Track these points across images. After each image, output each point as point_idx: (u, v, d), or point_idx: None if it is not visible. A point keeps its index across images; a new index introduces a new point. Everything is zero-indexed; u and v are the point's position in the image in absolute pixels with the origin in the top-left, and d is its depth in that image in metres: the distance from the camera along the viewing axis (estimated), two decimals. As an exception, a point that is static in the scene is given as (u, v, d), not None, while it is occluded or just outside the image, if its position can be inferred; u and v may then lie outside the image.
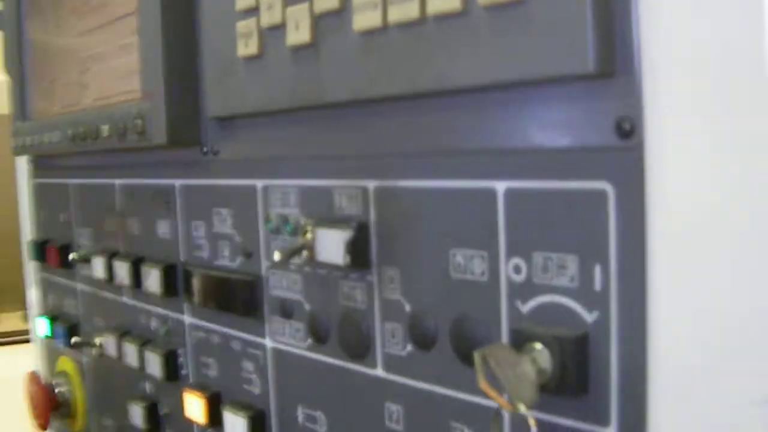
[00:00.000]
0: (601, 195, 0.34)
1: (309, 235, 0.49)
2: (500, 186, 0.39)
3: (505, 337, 0.39)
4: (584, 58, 0.32)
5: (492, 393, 0.34)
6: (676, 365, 0.33)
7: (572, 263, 0.36)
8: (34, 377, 0.91)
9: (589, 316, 0.35)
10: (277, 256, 0.50)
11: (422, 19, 0.39)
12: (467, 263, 0.41)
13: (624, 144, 0.33)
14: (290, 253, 0.50)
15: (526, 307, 0.38)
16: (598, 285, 0.35)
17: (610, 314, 0.35)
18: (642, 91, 0.33)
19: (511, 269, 0.39)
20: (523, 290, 0.38)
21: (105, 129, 0.68)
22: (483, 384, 0.34)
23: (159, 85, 0.60)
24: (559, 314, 0.36)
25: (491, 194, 0.39)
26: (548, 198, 0.36)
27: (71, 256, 0.82)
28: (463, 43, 0.37)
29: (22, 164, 0.98)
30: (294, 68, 0.48)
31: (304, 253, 0.49)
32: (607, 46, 0.33)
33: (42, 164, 0.93)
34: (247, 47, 0.51)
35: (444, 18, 0.38)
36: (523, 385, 0.34)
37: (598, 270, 0.35)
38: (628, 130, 0.33)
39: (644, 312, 0.33)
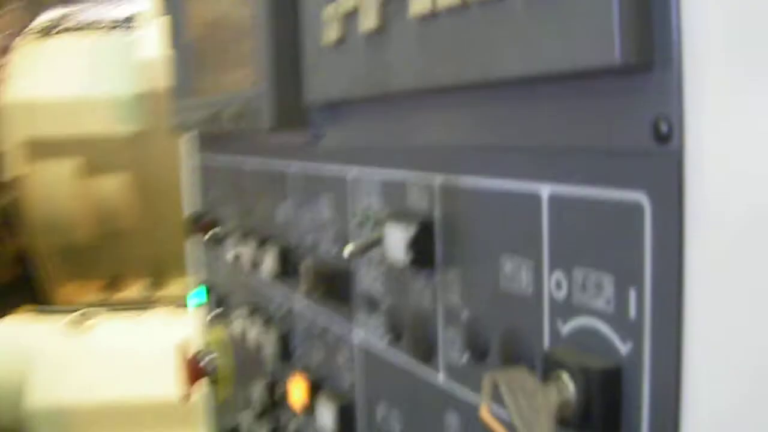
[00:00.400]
0: (637, 207, 0.29)
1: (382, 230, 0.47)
2: (544, 190, 0.34)
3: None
4: (610, 48, 0.28)
5: (493, 423, 0.31)
6: (711, 413, 0.28)
7: (608, 284, 0.31)
8: (183, 346, 0.96)
9: (623, 347, 0.31)
10: (348, 249, 0.48)
11: (465, 4, 0.35)
12: (515, 273, 0.37)
13: (661, 149, 0.28)
14: (363, 248, 0.48)
15: (565, 328, 0.34)
16: (632, 312, 0.30)
17: (644, 347, 0.30)
18: (682, 86, 0.27)
19: (553, 284, 0.34)
20: (563, 309, 0.34)
21: (227, 111, 0.69)
22: (485, 412, 0.31)
23: (267, 67, 0.59)
24: (595, 340, 0.32)
25: (536, 199, 0.35)
26: (587, 206, 0.32)
27: (211, 233, 0.85)
28: (496, 32, 0.33)
29: (185, 140, 1.03)
30: (366, 55, 0.46)
31: (380, 247, 0.47)
32: (639, 33, 0.28)
33: (199, 141, 0.97)
34: (330, 33, 0.49)
35: (484, 3, 0.34)
36: (536, 418, 0.31)
37: (633, 294, 0.30)
38: (666, 133, 0.28)
39: (679, 349, 0.28)
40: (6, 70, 2.04)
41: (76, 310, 2.10)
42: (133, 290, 2.56)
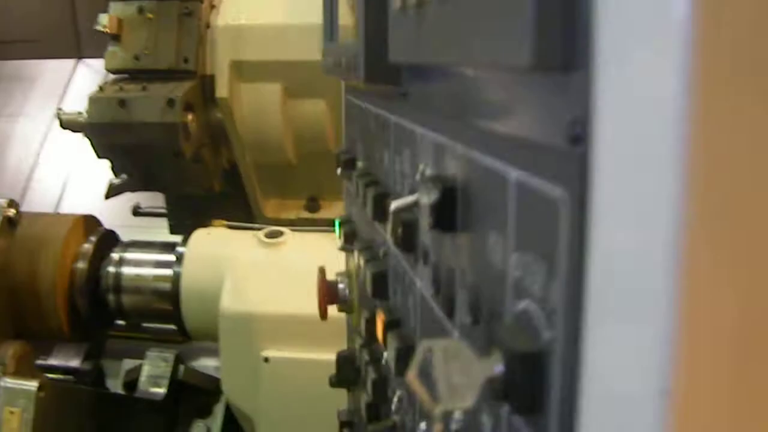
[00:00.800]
0: (558, 202, 0.31)
1: (424, 190, 0.49)
2: (511, 173, 0.36)
3: (501, 332, 0.37)
4: (521, 49, 0.29)
5: (418, 387, 0.33)
6: (605, 399, 0.29)
7: (541, 271, 0.33)
8: (322, 271, 1.03)
9: (546, 333, 0.32)
10: (393, 206, 0.51)
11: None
12: (494, 247, 0.39)
13: (574, 150, 0.29)
14: (404, 207, 0.51)
15: (518, 307, 0.36)
16: (552, 300, 0.32)
17: (557, 335, 0.31)
18: (594, 91, 0.28)
19: (512, 264, 0.36)
20: (517, 288, 0.36)
21: (343, 61, 0.73)
22: (411, 376, 0.33)
23: (361, 25, 0.63)
24: (532, 323, 0.34)
25: (506, 180, 0.36)
26: (534, 195, 0.33)
27: (346, 170, 0.91)
28: (449, 22, 0.34)
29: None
30: (412, 26, 0.48)
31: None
32: (553, 37, 0.28)
33: (345, 83, 1.02)
34: (396, 1, 0.52)
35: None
36: (464, 387, 0.33)
37: (554, 284, 0.31)
38: (578, 135, 0.29)
39: (579, 341, 0.30)
40: (219, -4, 2.19)
41: (275, 225, 2.25)
42: (330, 211, 2.70)
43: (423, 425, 0.57)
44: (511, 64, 0.29)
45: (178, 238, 2.14)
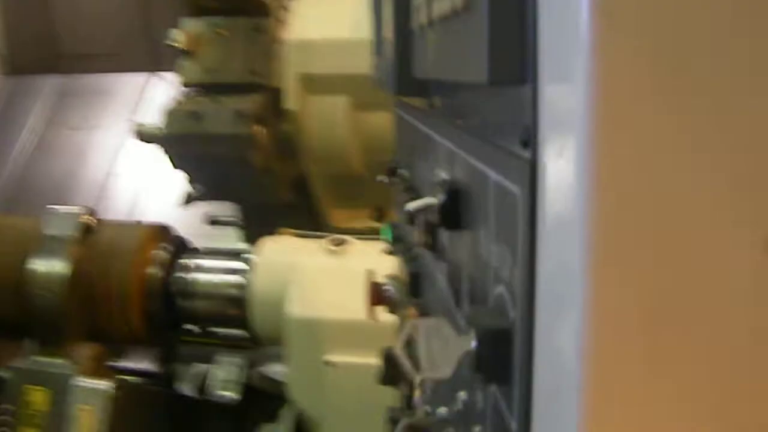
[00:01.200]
0: (517, 198, 0.35)
1: (437, 193, 0.54)
2: (491, 174, 0.41)
3: (484, 315, 0.41)
4: (481, 68, 0.34)
5: (403, 359, 0.38)
6: (548, 375, 0.34)
7: (509, 258, 0.37)
8: (370, 274, 1.08)
9: (512, 312, 0.37)
10: (409, 207, 0.56)
11: (432, 20, 0.42)
12: (483, 241, 0.44)
13: (525, 154, 0.34)
14: (419, 208, 0.56)
15: (495, 291, 0.40)
16: (515, 284, 0.36)
17: (518, 315, 0.36)
18: (538, 103, 0.33)
19: (493, 254, 0.41)
20: (497, 276, 0.40)
21: (380, 75, 0.79)
22: (398, 349, 0.38)
23: (392, 43, 0.68)
24: (504, 305, 0.38)
25: (487, 180, 0.41)
26: (503, 193, 0.38)
27: (380, 178, 0.96)
28: (440, 42, 0.39)
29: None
30: (423, 44, 0.53)
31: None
32: (505, 58, 0.33)
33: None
34: (414, 21, 0.57)
35: (442, 19, 0.40)
36: (442, 359, 0.38)
37: (516, 270, 0.36)
38: (527, 141, 0.34)
39: (533, 321, 0.34)
40: (288, 12, 2.27)
41: (341, 234, 2.30)
42: (396, 219, 2.74)
43: (443, 410, 0.62)
44: (473, 80, 0.34)
45: (247, 246, 2.21)
